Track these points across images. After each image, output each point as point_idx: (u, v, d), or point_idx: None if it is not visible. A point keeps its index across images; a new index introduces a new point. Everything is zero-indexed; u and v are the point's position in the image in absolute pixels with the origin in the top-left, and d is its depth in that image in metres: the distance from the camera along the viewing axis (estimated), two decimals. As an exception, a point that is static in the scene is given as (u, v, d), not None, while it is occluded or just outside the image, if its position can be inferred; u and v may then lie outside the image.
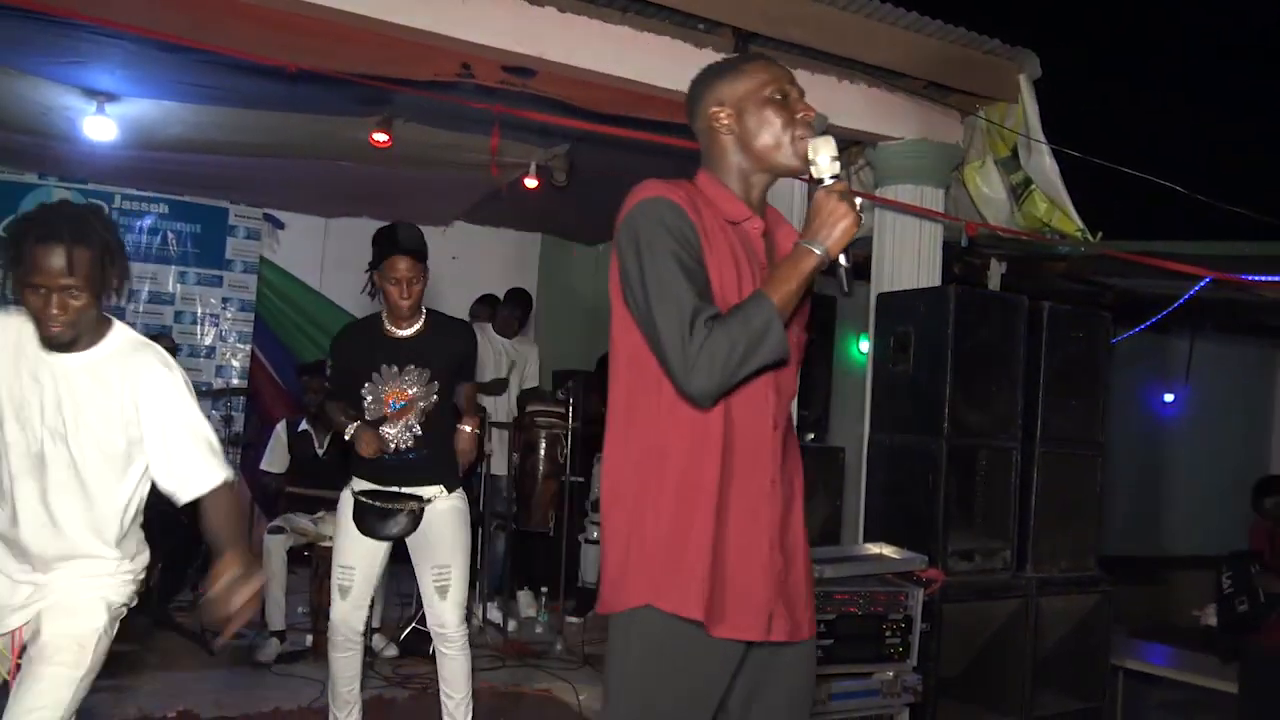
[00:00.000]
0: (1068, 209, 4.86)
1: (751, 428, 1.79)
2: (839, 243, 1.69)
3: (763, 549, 1.79)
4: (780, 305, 1.65)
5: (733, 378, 1.66)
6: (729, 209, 1.85)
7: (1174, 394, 9.84)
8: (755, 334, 1.63)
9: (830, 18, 4.55)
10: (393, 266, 3.34)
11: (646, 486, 1.78)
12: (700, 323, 1.64)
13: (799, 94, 1.88)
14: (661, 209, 1.74)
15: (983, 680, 4.08)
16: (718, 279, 1.75)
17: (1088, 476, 4.44)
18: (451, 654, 3.43)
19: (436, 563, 3.42)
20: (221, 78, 4.75)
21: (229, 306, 7.47)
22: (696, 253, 1.73)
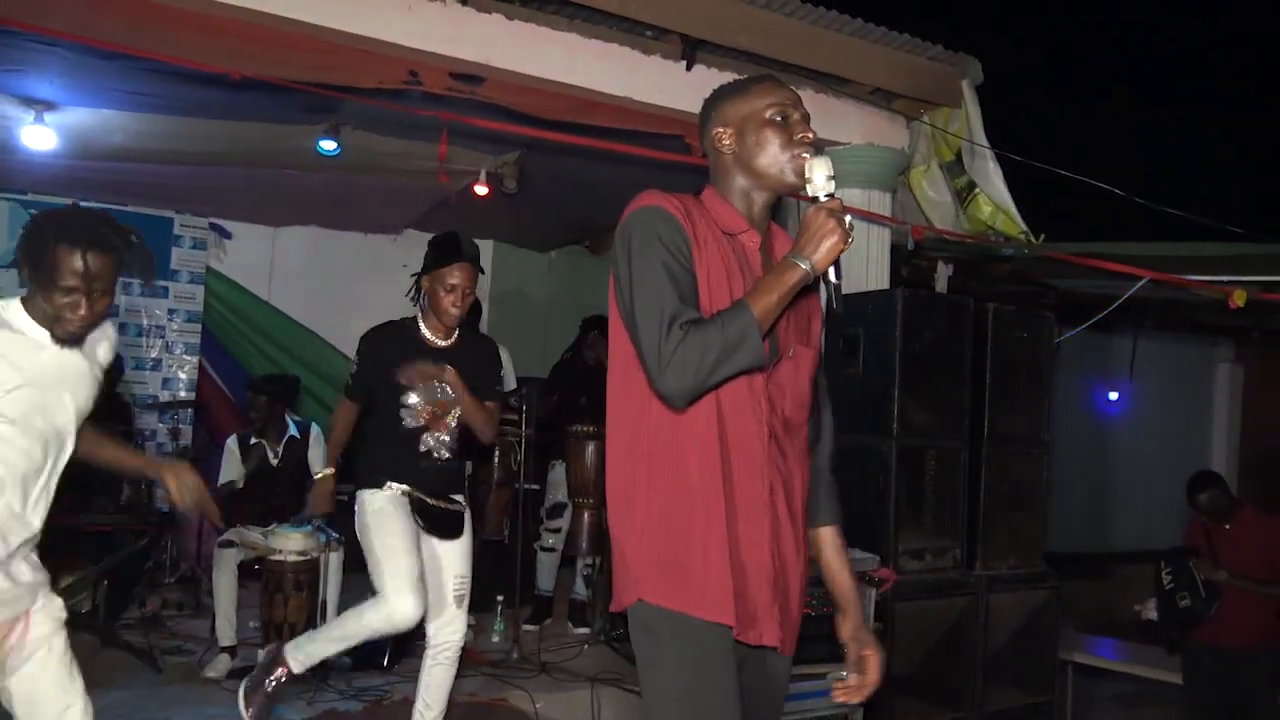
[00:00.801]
0: (1011, 212, 4.96)
1: (745, 437, 1.82)
2: (825, 259, 1.71)
3: (765, 555, 1.83)
4: (759, 314, 1.69)
5: (706, 380, 1.71)
6: (727, 221, 1.89)
7: (1118, 392, 10.04)
8: (731, 340, 1.67)
9: (776, 24, 4.59)
10: (452, 273, 3.30)
11: (656, 489, 1.83)
12: (678, 325, 1.70)
13: (801, 116, 1.90)
14: (655, 217, 1.80)
15: (935, 677, 4.14)
16: (708, 286, 1.80)
17: (1034, 474, 4.52)
18: (446, 664, 3.42)
19: (459, 572, 3.44)
20: (163, 86, 4.68)
21: (175, 318, 7.35)
22: (686, 260, 1.78)
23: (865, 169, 5.15)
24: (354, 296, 7.70)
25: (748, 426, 1.83)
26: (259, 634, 4.74)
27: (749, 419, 1.83)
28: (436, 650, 3.42)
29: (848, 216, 1.72)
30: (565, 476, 5.43)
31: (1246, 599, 4.58)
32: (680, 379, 1.70)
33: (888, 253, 5.22)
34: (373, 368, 3.40)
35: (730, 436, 1.81)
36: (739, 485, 1.82)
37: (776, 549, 1.85)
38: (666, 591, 1.81)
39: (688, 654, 1.79)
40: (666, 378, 1.70)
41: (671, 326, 1.70)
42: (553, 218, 7.57)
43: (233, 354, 7.61)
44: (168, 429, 6.63)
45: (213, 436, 7.05)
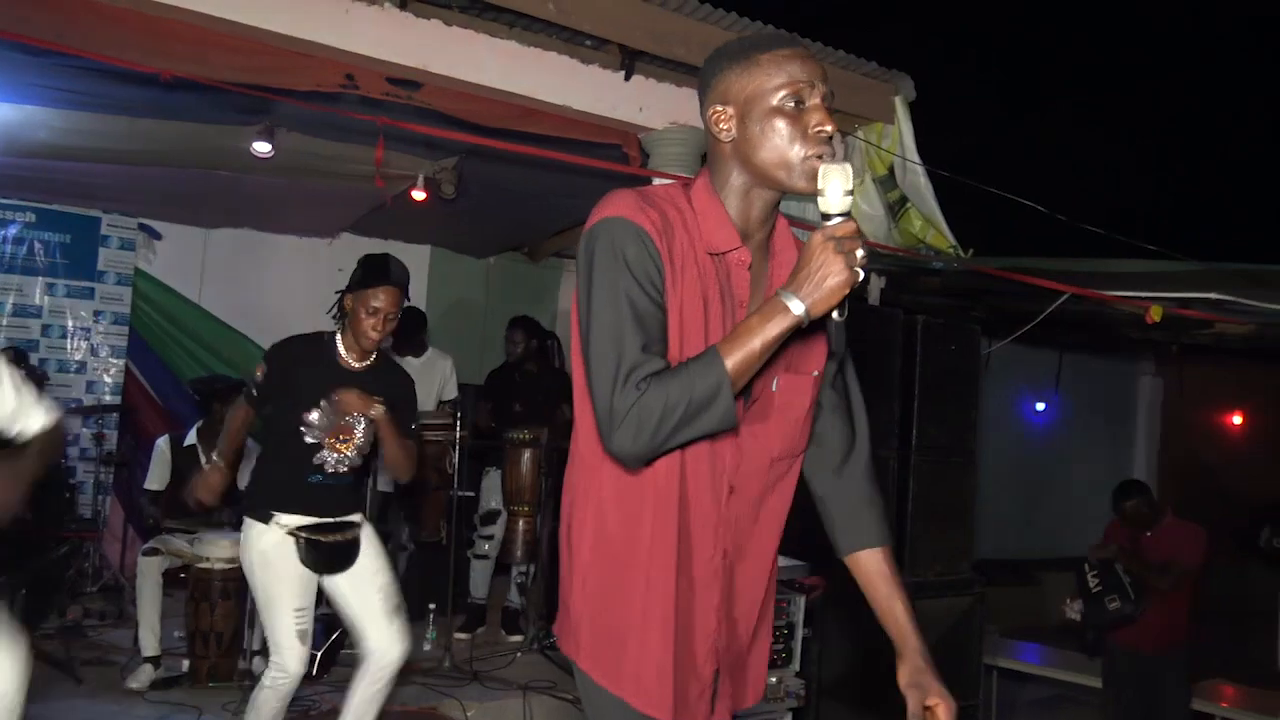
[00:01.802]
0: (941, 226, 5.07)
1: (699, 493, 1.62)
2: (824, 303, 1.42)
3: (711, 622, 1.66)
4: (735, 369, 1.43)
5: (663, 445, 1.47)
6: (713, 238, 1.59)
7: (1045, 403, 10.30)
8: (698, 401, 1.43)
9: (715, 37, 4.64)
10: (376, 296, 3.19)
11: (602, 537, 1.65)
12: (636, 378, 1.45)
13: (821, 99, 1.55)
14: (624, 233, 1.51)
15: (863, 682, 4.20)
16: (680, 319, 1.55)
17: (962, 483, 4.63)
18: (383, 684, 3.32)
19: (382, 584, 3.35)
20: (91, 83, 4.57)
21: (101, 320, 7.17)
22: (656, 290, 1.51)
23: (800, 182, 5.21)
24: (287, 300, 7.59)
25: (702, 481, 1.61)
26: (184, 643, 4.65)
27: (705, 473, 1.61)
28: (375, 670, 3.31)
29: (859, 250, 1.42)
30: (500, 483, 5.41)
31: (1161, 602, 4.73)
32: (634, 441, 1.45)
33: (822, 264, 5.29)
34: (278, 380, 3.26)
35: (689, 493, 1.60)
36: (695, 550, 1.63)
37: (728, 614, 1.68)
38: (603, 669, 1.64)
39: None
40: (617, 437, 1.45)
41: (628, 379, 1.45)
42: (491, 224, 7.55)
43: (161, 357, 7.44)
44: (92, 434, 6.46)
45: (139, 441, 6.90)
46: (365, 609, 3.33)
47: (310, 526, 3.25)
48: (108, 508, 6.58)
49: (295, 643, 3.18)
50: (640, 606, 1.61)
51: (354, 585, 3.34)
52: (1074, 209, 4.87)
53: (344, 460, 3.31)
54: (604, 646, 1.64)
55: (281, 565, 3.21)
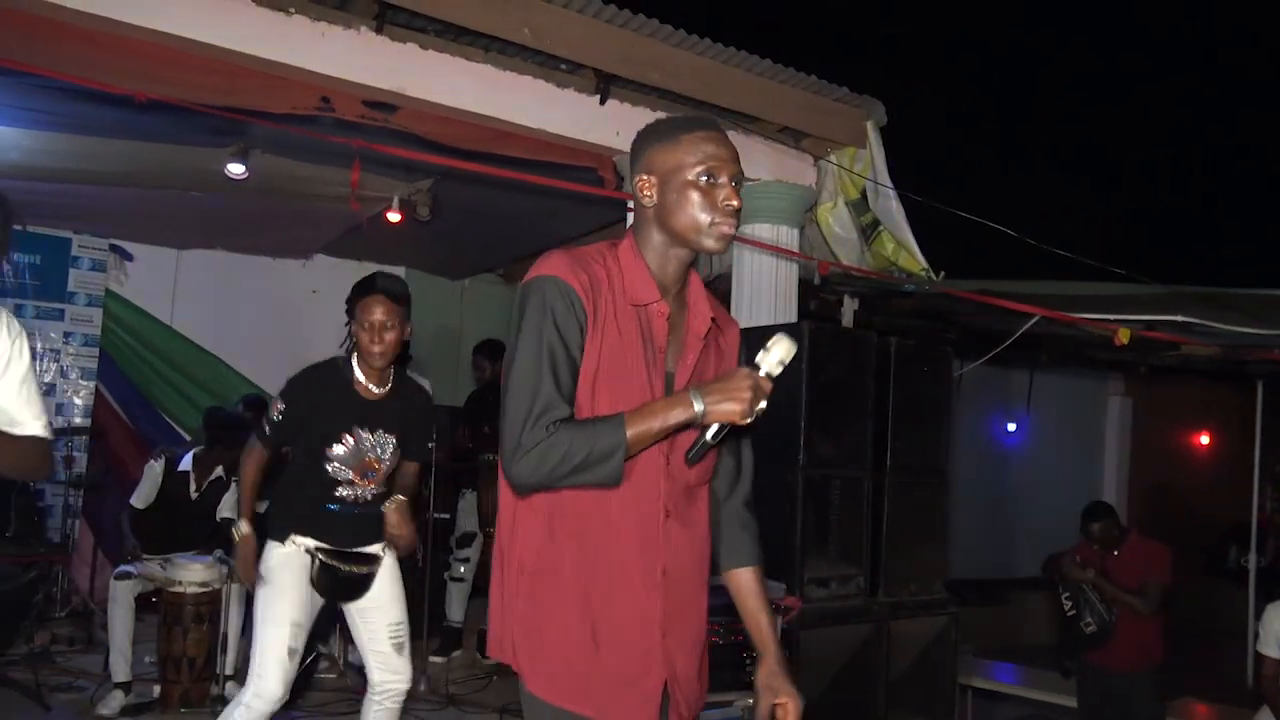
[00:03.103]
0: (913, 249, 5.13)
1: (641, 518, 1.77)
2: (716, 417, 1.68)
3: (654, 637, 1.78)
4: (633, 438, 1.66)
5: (555, 484, 1.68)
6: (635, 291, 1.80)
7: (1016, 423, 10.40)
8: (595, 457, 1.65)
9: (688, 62, 4.70)
10: (368, 308, 3.11)
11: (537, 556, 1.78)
12: (546, 420, 1.66)
13: (730, 178, 1.79)
14: (553, 290, 1.72)
15: (840, 703, 4.20)
16: (595, 364, 1.74)
17: (935, 504, 4.64)
18: (394, 706, 3.28)
19: (392, 620, 3.29)
20: (62, 104, 4.56)
21: (71, 341, 7.10)
22: (576, 344, 1.72)
23: (773, 205, 5.27)
24: (261, 321, 7.56)
25: (638, 505, 1.77)
26: (155, 669, 4.60)
27: (640, 498, 1.77)
28: (382, 695, 3.27)
29: (762, 402, 1.70)
30: (476, 505, 5.40)
31: (1135, 622, 4.78)
32: (532, 474, 1.66)
33: (795, 286, 5.35)
34: (297, 412, 3.16)
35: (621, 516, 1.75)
36: (632, 568, 1.76)
37: (670, 629, 1.80)
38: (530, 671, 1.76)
39: None
40: (518, 467, 1.66)
41: (540, 419, 1.66)
42: (466, 246, 7.55)
43: (132, 379, 7.38)
44: (61, 456, 6.39)
45: (110, 465, 6.83)
46: (372, 641, 3.29)
47: (330, 551, 3.19)
48: (77, 531, 6.49)
49: (284, 658, 3.07)
50: (561, 615, 1.75)
51: (364, 616, 3.29)
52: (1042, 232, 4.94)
53: (369, 494, 3.26)
54: (534, 651, 1.77)
55: (288, 577, 3.14)
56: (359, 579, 3.25)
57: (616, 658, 1.75)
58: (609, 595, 1.75)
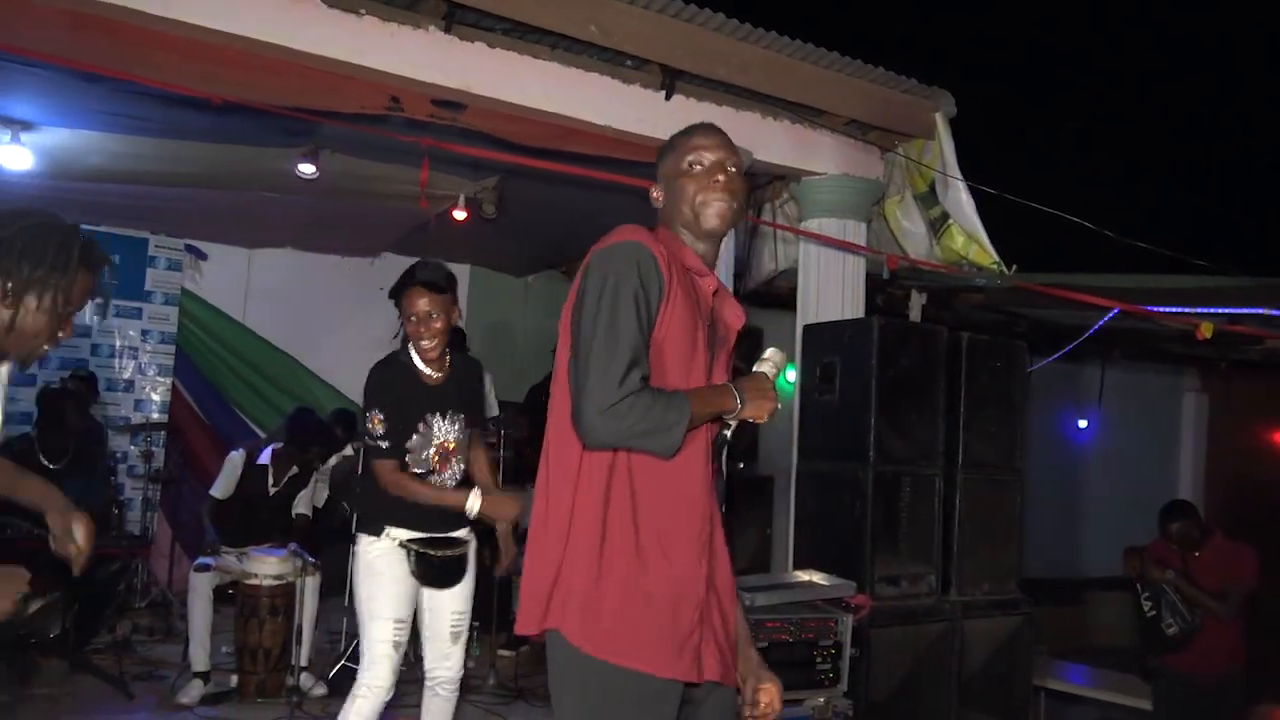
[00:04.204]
0: (983, 243, 5.03)
1: (689, 481, 1.86)
2: (749, 413, 1.84)
3: (700, 594, 1.85)
4: (693, 419, 1.75)
5: (628, 442, 1.74)
6: (690, 261, 1.93)
7: (1087, 420, 10.16)
8: (664, 424, 1.72)
9: (755, 56, 4.66)
10: (410, 301, 3.16)
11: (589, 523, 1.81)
12: (635, 377, 1.71)
13: (718, 161, 1.94)
14: (641, 256, 1.79)
15: (910, 703, 4.15)
16: (677, 329, 1.83)
17: (1008, 501, 4.56)
18: (446, 696, 3.33)
19: (457, 609, 3.32)
20: (143, 107, 4.68)
21: (149, 339, 7.30)
22: (654, 312, 1.79)
23: (840, 199, 5.22)
24: (330, 319, 7.69)
25: (699, 475, 1.88)
26: (232, 659, 4.70)
27: (700, 467, 1.88)
28: (434, 683, 3.34)
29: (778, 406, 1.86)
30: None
31: (1217, 625, 4.64)
32: (611, 429, 1.71)
33: (863, 281, 5.29)
34: (394, 409, 3.16)
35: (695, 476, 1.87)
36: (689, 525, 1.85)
37: (713, 586, 1.90)
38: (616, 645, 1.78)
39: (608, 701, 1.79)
40: (601, 420, 1.70)
41: (631, 373, 1.71)
42: (530, 243, 7.60)
43: (207, 376, 7.56)
44: (140, 451, 6.57)
45: (186, 459, 7.00)
46: (433, 626, 3.33)
47: (422, 540, 3.22)
48: (155, 524, 6.67)
49: (391, 652, 3.14)
50: (621, 574, 1.79)
51: (434, 602, 3.32)
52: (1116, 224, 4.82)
53: (452, 478, 3.31)
54: (592, 611, 1.78)
55: (388, 575, 3.18)
56: (454, 562, 3.30)
57: (671, 615, 1.81)
58: (665, 556, 1.82)
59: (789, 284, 5.61)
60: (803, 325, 4.85)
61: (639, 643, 1.78)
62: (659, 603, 1.80)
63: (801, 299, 5.24)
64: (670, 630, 1.81)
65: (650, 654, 1.78)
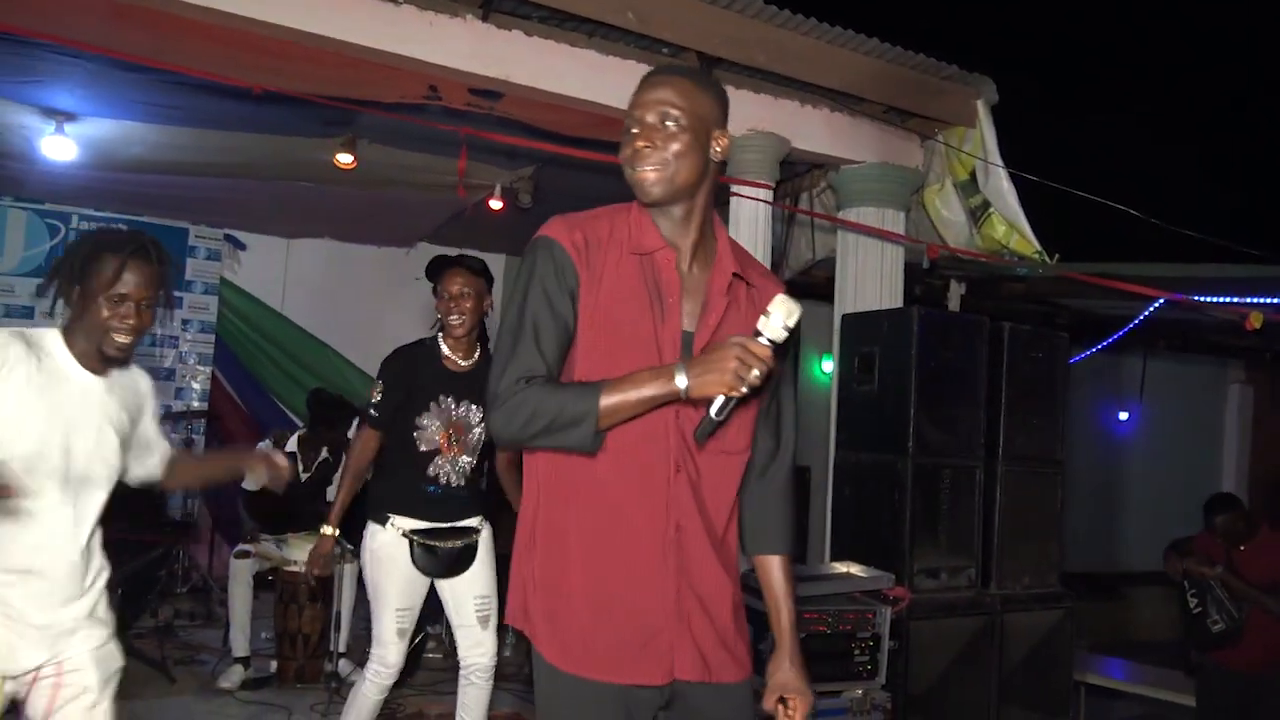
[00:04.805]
0: (1025, 231, 4.96)
1: (649, 473, 1.72)
2: (702, 390, 1.59)
3: (668, 594, 1.73)
4: (607, 407, 1.61)
5: (529, 441, 1.67)
6: (640, 240, 1.76)
7: (1128, 412, 10.02)
8: (562, 420, 1.62)
9: (793, 43, 4.61)
10: (446, 281, 3.26)
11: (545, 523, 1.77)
12: (520, 373, 1.66)
13: (640, 118, 1.75)
14: (544, 251, 1.72)
15: (949, 697, 4.12)
16: (605, 313, 1.71)
17: (1049, 494, 4.51)
18: (482, 683, 3.37)
19: (479, 593, 3.37)
20: (184, 98, 4.72)
21: (189, 328, 7.38)
22: (564, 304, 1.70)
23: (879, 187, 5.16)
24: (366, 309, 7.74)
25: (653, 462, 1.72)
26: (272, 645, 4.75)
27: (654, 455, 1.71)
28: (467, 670, 3.38)
29: (755, 370, 1.56)
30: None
31: (1266, 621, 4.55)
32: (504, 426, 1.67)
33: (901, 271, 5.23)
34: (394, 389, 3.28)
35: (641, 472, 1.71)
36: (642, 526, 1.72)
37: (687, 586, 1.74)
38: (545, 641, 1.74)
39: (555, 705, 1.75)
40: (494, 417, 1.68)
41: (513, 376, 1.66)
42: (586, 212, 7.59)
43: (246, 365, 7.65)
44: (180, 439, 6.65)
45: (225, 446, 7.07)
46: (459, 614, 3.39)
47: (426, 531, 3.27)
48: (196, 511, 6.75)
49: (395, 639, 3.27)
50: (571, 580, 1.73)
51: (454, 588, 3.38)
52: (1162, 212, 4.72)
53: (460, 470, 3.33)
54: (549, 618, 1.75)
55: (390, 565, 3.25)
56: (459, 553, 3.34)
57: (628, 619, 1.72)
58: (617, 556, 1.72)
59: (826, 273, 5.56)
60: (841, 315, 4.81)
61: (568, 645, 1.72)
62: (588, 605, 1.72)
63: (839, 289, 5.19)
64: (609, 633, 1.71)
65: (578, 656, 1.72)
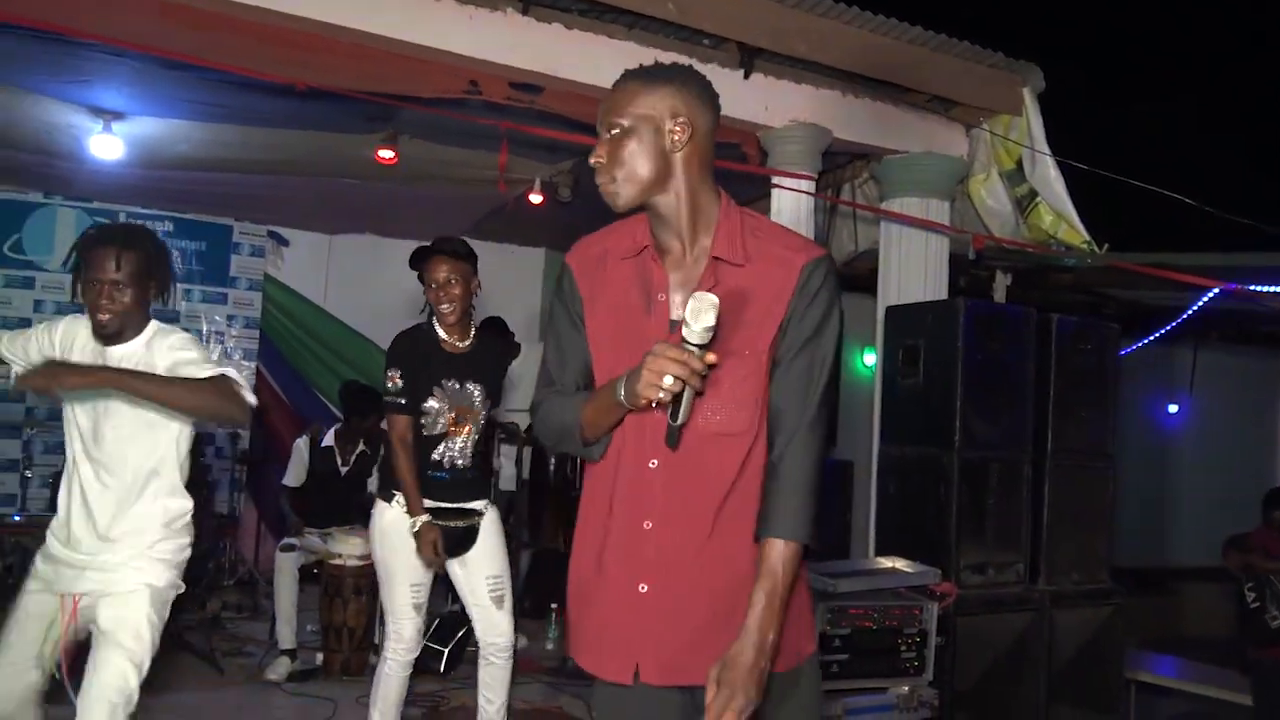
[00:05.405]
0: (1073, 221, 4.87)
1: (630, 466, 1.75)
2: (630, 399, 1.61)
3: (625, 591, 1.74)
4: (584, 420, 1.73)
5: (552, 444, 1.87)
6: (630, 243, 1.81)
7: (1178, 405, 9.83)
8: (563, 430, 1.79)
9: (835, 32, 4.56)
10: (432, 269, 3.31)
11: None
12: (544, 391, 1.85)
13: (599, 135, 1.80)
14: (560, 274, 1.88)
15: (997, 694, 4.06)
16: (608, 324, 1.79)
17: (1099, 488, 4.42)
18: (500, 663, 3.43)
19: (490, 573, 3.42)
20: (228, 95, 4.76)
21: (234, 324, 7.47)
22: (578, 318, 1.82)
23: (923, 177, 5.10)
24: (409, 304, 7.75)
25: (632, 455, 1.75)
26: (318, 637, 4.79)
27: (632, 448, 1.75)
28: (485, 651, 3.44)
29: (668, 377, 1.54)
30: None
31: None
32: (539, 437, 1.88)
33: (946, 262, 5.16)
34: (408, 375, 3.33)
35: (622, 467, 1.76)
36: (621, 519, 1.75)
37: (658, 584, 1.73)
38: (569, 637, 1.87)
39: None
40: (534, 425, 1.88)
41: (541, 389, 1.85)
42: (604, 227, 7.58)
43: (289, 360, 7.72)
44: (226, 433, 6.74)
45: (270, 441, 7.15)
46: (472, 594, 3.44)
47: (431, 510, 3.32)
48: (242, 505, 6.83)
49: (411, 613, 3.33)
50: (575, 570, 1.83)
51: (464, 571, 3.43)
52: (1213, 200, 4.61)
53: (465, 452, 3.38)
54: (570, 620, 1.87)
55: (399, 541, 3.30)
56: (463, 532, 3.39)
57: (592, 612, 1.79)
58: (592, 550, 1.79)
59: (869, 265, 5.50)
60: (885, 307, 4.75)
61: (578, 637, 1.83)
62: (574, 594, 1.84)
63: (882, 281, 5.13)
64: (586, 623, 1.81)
65: (572, 640, 1.84)
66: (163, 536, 2.54)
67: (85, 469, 2.51)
